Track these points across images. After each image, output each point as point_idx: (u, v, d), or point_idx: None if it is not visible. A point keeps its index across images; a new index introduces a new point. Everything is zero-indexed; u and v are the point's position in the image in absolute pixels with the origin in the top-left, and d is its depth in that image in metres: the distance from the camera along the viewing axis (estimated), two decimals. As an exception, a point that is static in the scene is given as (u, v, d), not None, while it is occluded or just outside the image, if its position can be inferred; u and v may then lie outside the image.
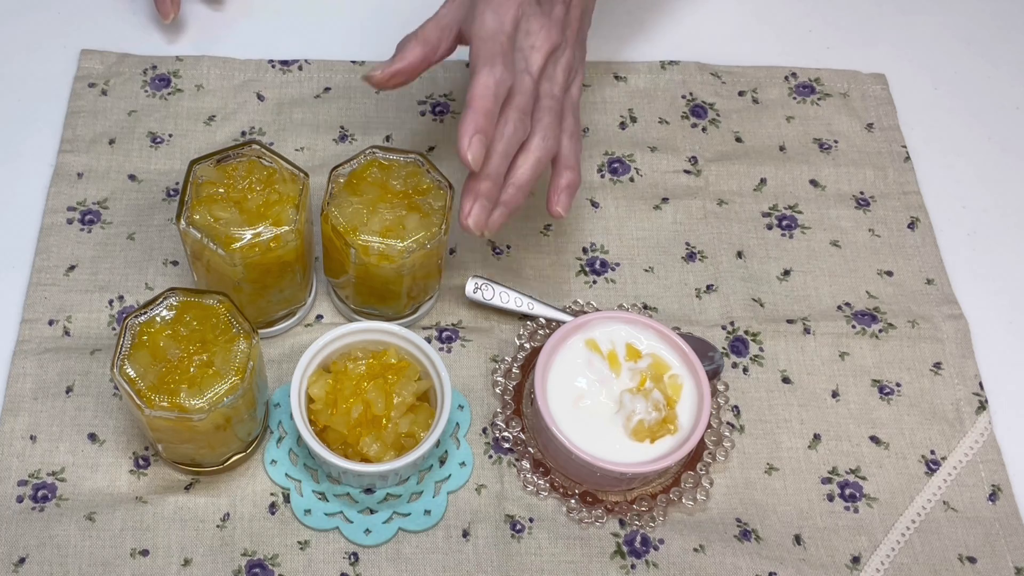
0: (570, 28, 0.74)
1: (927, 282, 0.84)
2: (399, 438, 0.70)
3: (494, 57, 0.69)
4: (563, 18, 0.73)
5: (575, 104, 0.75)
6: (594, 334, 0.75)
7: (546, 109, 0.72)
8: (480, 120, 0.68)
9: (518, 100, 0.70)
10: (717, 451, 0.75)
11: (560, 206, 0.73)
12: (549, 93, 0.72)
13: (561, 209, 0.73)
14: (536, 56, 0.71)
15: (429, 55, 0.74)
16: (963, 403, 0.79)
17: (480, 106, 0.68)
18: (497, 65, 0.68)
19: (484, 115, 0.68)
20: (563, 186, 0.73)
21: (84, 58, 0.90)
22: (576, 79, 0.75)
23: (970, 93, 0.96)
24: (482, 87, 0.68)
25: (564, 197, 0.73)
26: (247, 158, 0.72)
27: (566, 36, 0.73)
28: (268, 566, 0.71)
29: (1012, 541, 0.74)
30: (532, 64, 0.71)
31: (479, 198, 0.70)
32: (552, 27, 0.71)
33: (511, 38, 0.70)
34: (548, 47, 0.71)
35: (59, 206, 0.83)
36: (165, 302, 0.67)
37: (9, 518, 0.71)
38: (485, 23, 0.70)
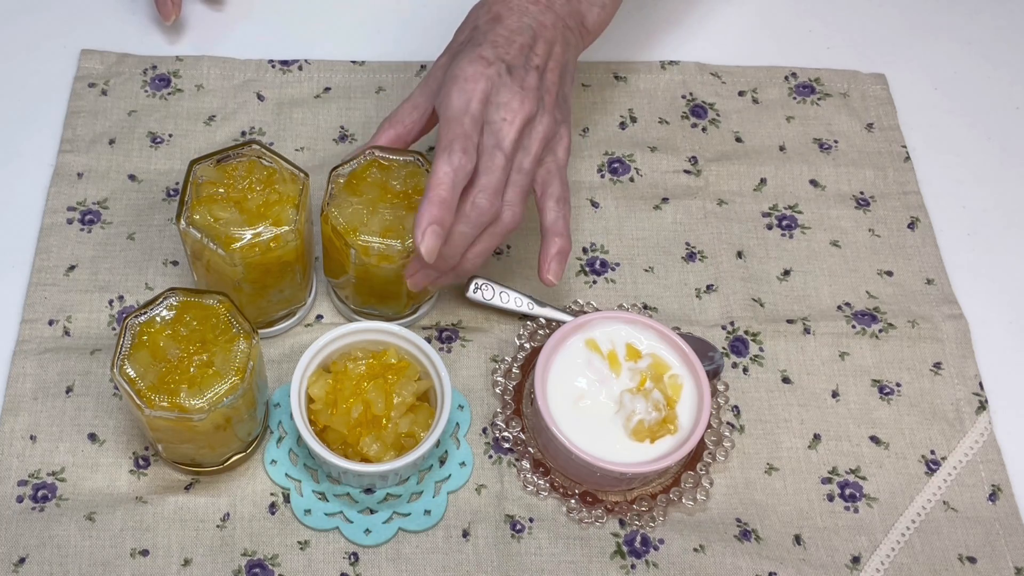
0: (547, 94, 0.72)
1: (927, 282, 0.84)
2: (399, 438, 0.70)
3: (453, 143, 0.67)
4: (537, 86, 0.71)
5: (561, 168, 0.73)
6: (594, 334, 0.75)
7: (512, 183, 0.71)
8: (435, 211, 0.67)
9: (484, 181, 0.69)
10: (717, 451, 0.75)
11: (551, 274, 0.73)
12: (519, 167, 0.71)
13: (552, 277, 0.73)
14: (508, 130, 0.69)
15: (403, 136, 0.75)
16: (963, 403, 0.79)
17: (436, 196, 0.67)
18: (455, 152, 0.67)
19: (439, 205, 0.67)
20: (553, 254, 0.73)
21: (84, 58, 0.90)
22: (560, 143, 0.73)
23: (970, 93, 0.96)
24: (440, 175, 0.67)
25: (555, 265, 0.73)
26: (247, 158, 0.72)
27: (543, 103, 0.71)
28: (268, 566, 0.71)
29: (1012, 541, 0.74)
30: (504, 139, 0.69)
31: (425, 269, 0.71)
32: (525, 97, 0.69)
33: (476, 118, 0.69)
34: (521, 119, 0.69)
35: (59, 206, 0.83)
36: (165, 302, 0.67)
37: (9, 518, 0.71)
38: (451, 103, 0.69)
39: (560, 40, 0.73)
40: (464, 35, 0.74)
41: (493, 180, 0.69)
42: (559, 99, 0.73)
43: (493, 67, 0.69)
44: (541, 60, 0.72)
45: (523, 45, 0.71)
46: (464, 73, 0.69)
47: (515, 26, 0.71)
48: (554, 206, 0.73)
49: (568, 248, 0.73)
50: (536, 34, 0.72)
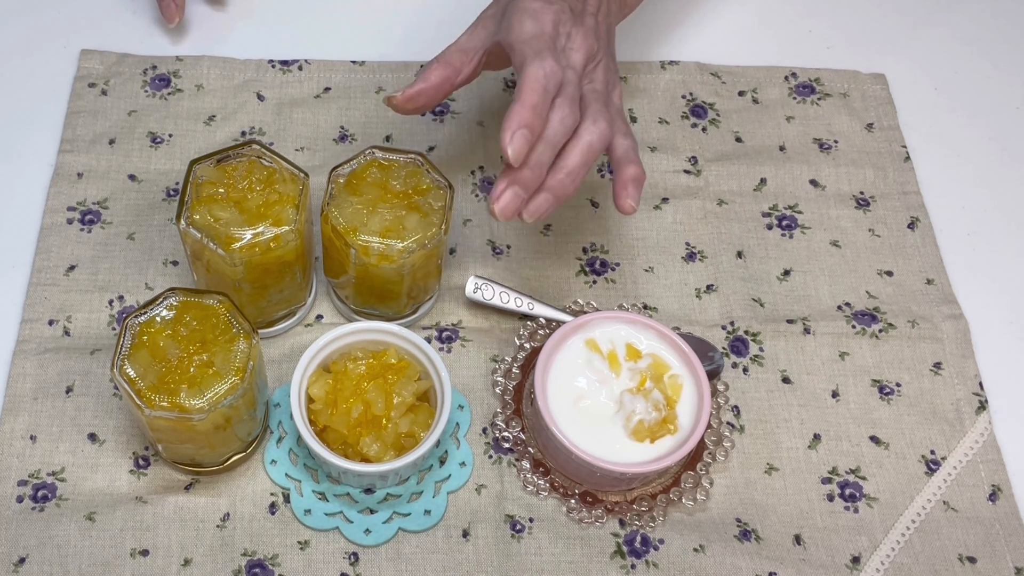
0: (602, 39, 0.73)
1: (927, 282, 0.84)
2: (399, 438, 0.70)
3: (543, 51, 0.68)
4: (595, 28, 0.72)
5: (620, 111, 0.74)
6: (594, 334, 0.75)
7: (592, 99, 0.71)
8: (527, 114, 0.66)
9: (567, 90, 0.69)
10: (717, 451, 0.75)
11: (631, 199, 0.71)
12: (591, 88, 0.71)
13: (632, 202, 0.71)
14: (577, 56, 0.70)
15: (451, 76, 0.73)
16: (963, 403, 0.79)
17: (528, 100, 0.66)
18: (547, 58, 0.67)
19: (531, 109, 0.66)
20: (629, 179, 0.71)
21: (84, 58, 0.90)
22: (615, 89, 0.74)
23: (970, 93, 0.96)
24: (532, 79, 0.66)
25: (632, 189, 0.71)
26: (247, 158, 0.72)
27: (600, 45, 0.73)
28: (268, 566, 0.71)
29: (1012, 541, 0.74)
30: (574, 62, 0.70)
31: (512, 185, 0.68)
32: (588, 34, 0.71)
33: (553, 38, 0.70)
34: (586, 51, 0.71)
35: (59, 206, 0.83)
36: (165, 302, 0.67)
37: (9, 518, 0.71)
38: (524, 28, 0.69)
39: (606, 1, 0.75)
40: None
41: (572, 91, 0.69)
42: (610, 50, 0.75)
43: (556, 5, 0.70)
44: (594, 9, 0.73)
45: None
46: (532, 6, 0.70)
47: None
48: (621, 140, 0.72)
49: (643, 176, 0.72)
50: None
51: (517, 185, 0.68)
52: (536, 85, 0.66)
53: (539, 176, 0.69)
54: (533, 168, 0.68)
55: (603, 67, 0.73)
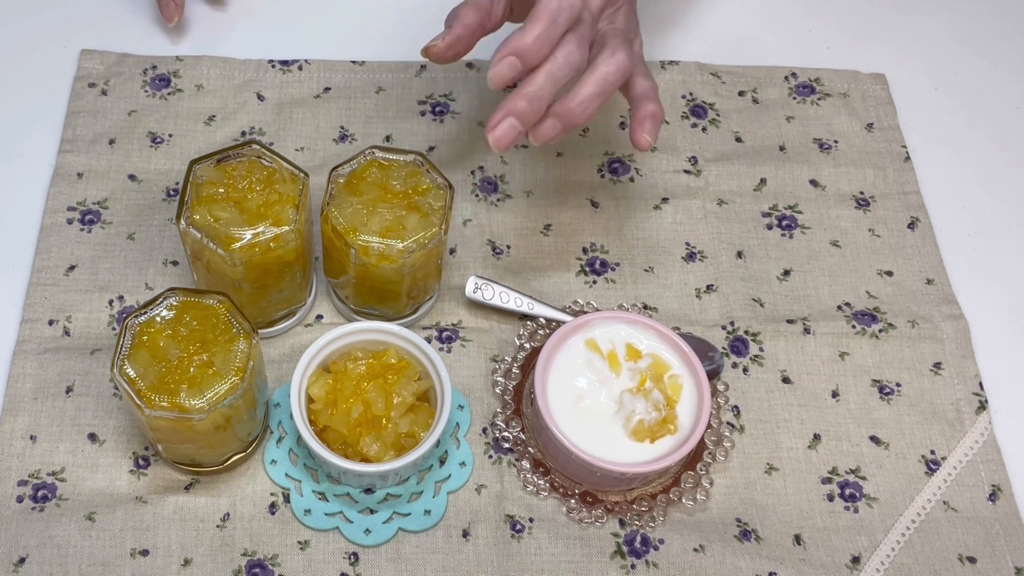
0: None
1: (927, 282, 0.84)
2: (399, 438, 0.70)
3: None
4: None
5: (640, 55, 0.73)
6: (594, 334, 0.75)
7: (611, 34, 0.69)
8: (523, 43, 0.64)
9: (580, 29, 0.67)
10: (717, 451, 0.75)
11: (647, 134, 0.70)
12: (612, 28, 0.70)
13: (649, 137, 0.70)
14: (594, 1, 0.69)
15: (484, 20, 0.71)
16: (963, 403, 0.79)
17: (532, 29, 0.64)
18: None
19: (533, 38, 0.65)
20: (646, 115, 0.71)
21: (84, 58, 0.90)
22: (636, 38, 0.73)
23: (970, 93, 0.96)
24: (543, 7, 0.65)
25: (649, 125, 0.70)
26: (247, 158, 0.72)
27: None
28: (268, 566, 0.71)
29: (1012, 541, 0.74)
30: (592, 4, 0.68)
31: (508, 116, 0.66)
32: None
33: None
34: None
35: (59, 206, 0.83)
36: (165, 302, 0.67)
37: (9, 518, 0.71)
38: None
39: None
40: None
41: (584, 30, 0.67)
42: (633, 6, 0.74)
43: None
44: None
45: None
46: None
47: None
48: (642, 80, 0.72)
49: (661, 114, 0.71)
50: None
51: (513, 116, 0.66)
52: (544, 15, 0.65)
53: (538, 111, 0.67)
54: (532, 101, 0.66)
55: (624, 13, 0.72)
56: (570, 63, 0.67)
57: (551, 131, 0.68)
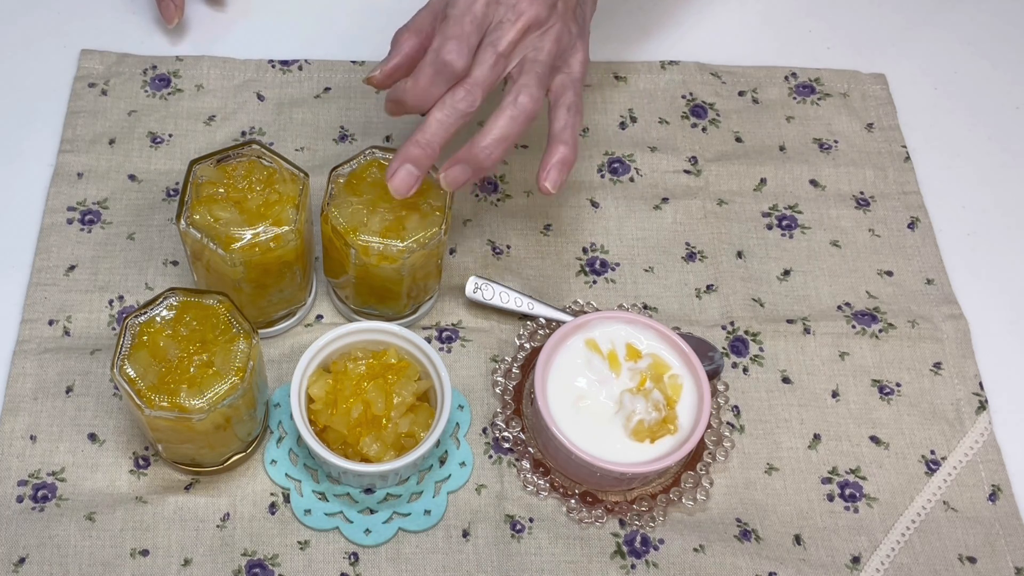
0: (560, 2, 0.71)
1: (927, 282, 0.84)
2: (399, 438, 0.70)
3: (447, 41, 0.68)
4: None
5: (576, 80, 0.72)
6: (594, 334, 0.75)
7: (526, 71, 0.69)
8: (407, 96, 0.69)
9: (475, 72, 0.68)
10: (717, 451, 0.75)
11: (549, 182, 0.70)
12: (532, 58, 0.70)
13: (550, 185, 0.70)
14: (509, 29, 0.68)
15: (424, 44, 0.71)
16: (963, 403, 0.79)
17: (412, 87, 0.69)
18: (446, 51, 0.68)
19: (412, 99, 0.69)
20: (554, 161, 0.71)
21: (84, 58, 0.90)
22: (574, 55, 0.72)
23: (970, 93, 0.96)
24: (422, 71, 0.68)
25: (554, 173, 0.70)
26: (247, 158, 0.72)
27: (556, 11, 0.70)
28: (268, 566, 0.71)
29: (1012, 541, 0.74)
30: (501, 39, 0.68)
31: (406, 163, 0.69)
32: (535, 2, 0.69)
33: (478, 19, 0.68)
34: (526, 20, 0.68)
35: (59, 206, 0.83)
36: (165, 302, 0.67)
37: (9, 518, 0.71)
38: (457, 1, 0.68)
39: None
40: None
41: (479, 73, 0.68)
42: (576, 13, 0.72)
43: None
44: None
45: None
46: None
47: None
48: (564, 114, 0.71)
49: (572, 158, 0.71)
50: None
51: (409, 163, 0.69)
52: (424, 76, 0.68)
53: (432, 156, 0.69)
54: (423, 147, 0.69)
55: (554, 35, 0.70)
56: (458, 111, 0.69)
57: (461, 175, 0.70)
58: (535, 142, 0.89)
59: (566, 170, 0.71)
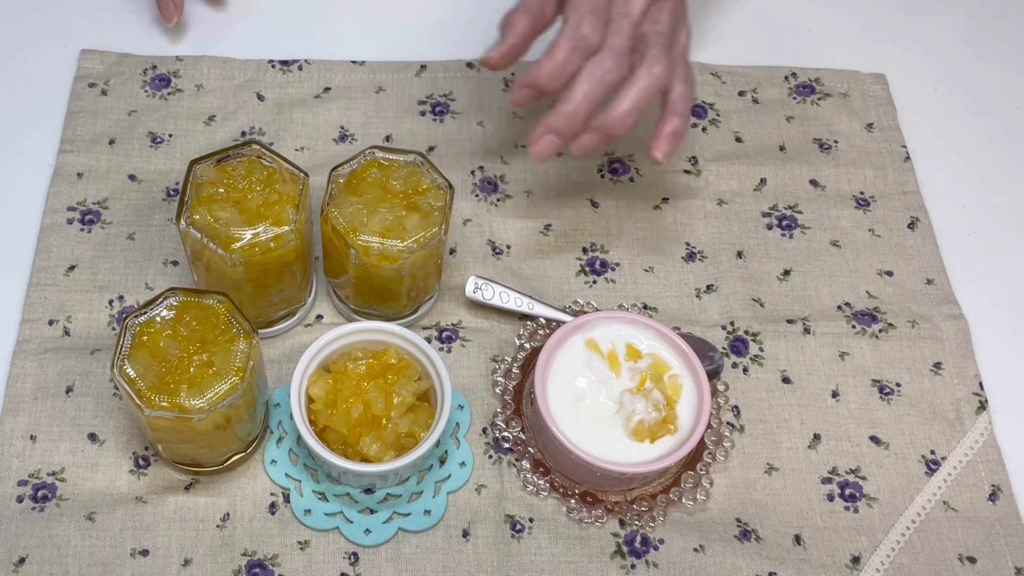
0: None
1: (927, 282, 0.84)
2: (399, 438, 0.70)
3: (583, 17, 0.69)
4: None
5: (684, 53, 0.74)
6: (594, 334, 0.75)
7: (652, 42, 0.71)
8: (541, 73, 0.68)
9: (613, 41, 0.69)
10: (717, 451, 0.75)
11: (660, 151, 0.72)
12: (655, 30, 0.71)
13: (660, 154, 0.72)
14: (637, 3, 0.70)
15: (536, 25, 0.73)
16: (963, 403, 0.79)
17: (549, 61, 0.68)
18: (583, 26, 0.69)
19: (549, 70, 0.68)
20: (667, 132, 0.73)
21: (84, 58, 0.90)
22: (682, 30, 0.74)
23: (970, 93, 0.96)
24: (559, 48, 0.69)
25: (666, 143, 0.72)
26: (247, 158, 0.72)
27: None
28: (268, 566, 0.71)
29: (1012, 541, 0.74)
30: (633, 8, 0.70)
31: (549, 133, 0.70)
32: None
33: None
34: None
35: (59, 206, 0.83)
36: (165, 302, 0.67)
37: (9, 518, 0.71)
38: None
39: None
40: None
41: (618, 42, 0.69)
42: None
43: None
44: None
45: None
46: None
47: None
48: (679, 85, 0.73)
49: (683, 129, 0.73)
50: None
51: (554, 133, 0.70)
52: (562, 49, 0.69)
53: (575, 127, 0.70)
54: (569, 119, 0.70)
55: (670, 7, 0.72)
56: (605, 83, 0.70)
57: (590, 143, 0.72)
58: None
59: (677, 141, 0.73)
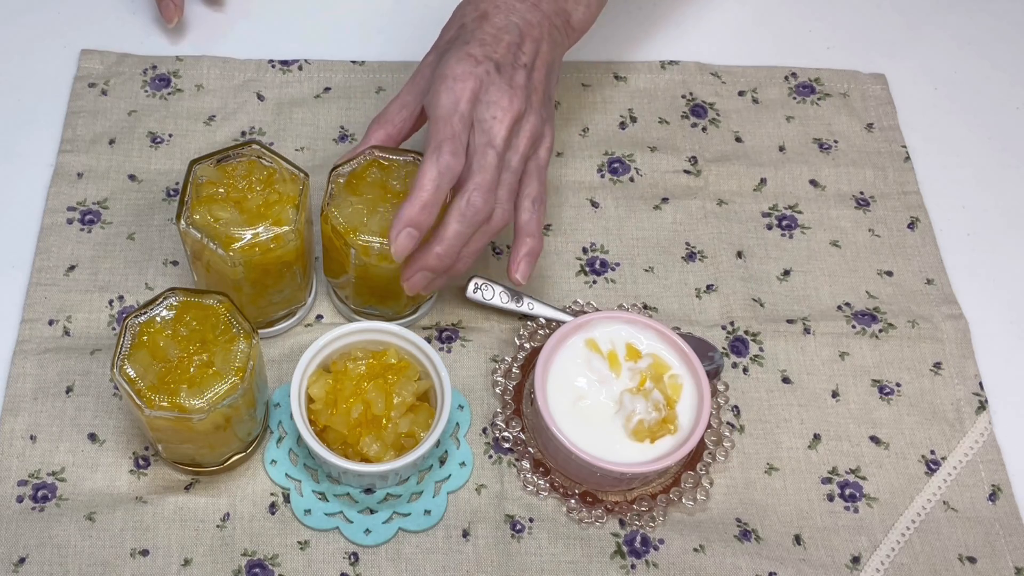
0: (535, 92, 0.72)
1: (927, 282, 0.84)
2: (399, 438, 0.70)
3: (442, 144, 0.68)
4: (525, 84, 0.71)
5: (541, 168, 0.74)
6: (594, 334, 0.75)
7: (502, 183, 0.71)
8: (414, 213, 0.67)
9: (478, 179, 0.69)
10: (717, 451, 0.75)
11: (519, 274, 0.73)
12: (508, 166, 0.71)
13: (520, 277, 0.73)
14: (499, 128, 0.69)
15: (394, 135, 0.74)
16: (963, 403, 0.79)
17: (418, 198, 0.67)
18: (444, 153, 0.67)
19: (420, 208, 0.67)
20: (523, 254, 0.73)
21: (84, 58, 0.90)
22: (543, 143, 0.73)
23: (970, 93, 0.96)
24: (425, 178, 0.67)
25: (524, 266, 0.73)
26: (247, 158, 0.72)
27: (530, 102, 0.71)
28: (268, 566, 0.71)
29: (1012, 541, 0.74)
30: (496, 137, 0.69)
31: (423, 271, 0.71)
32: (514, 95, 0.70)
33: (466, 118, 0.69)
34: (511, 117, 0.69)
35: (59, 206, 0.83)
36: (165, 302, 0.67)
37: (9, 518, 0.71)
38: (440, 102, 0.69)
39: (547, 39, 0.73)
40: (451, 33, 0.74)
41: (487, 178, 0.69)
42: (545, 98, 0.73)
43: (482, 66, 0.69)
44: (528, 59, 0.72)
45: (510, 43, 0.71)
46: (453, 72, 0.69)
47: (502, 24, 0.71)
48: (529, 205, 0.73)
49: (538, 248, 0.74)
50: (523, 32, 0.72)
51: (427, 271, 0.71)
52: (429, 183, 0.67)
53: (447, 265, 0.71)
54: (442, 258, 0.70)
55: (529, 127, 0.71)
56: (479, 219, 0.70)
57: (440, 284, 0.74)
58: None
59: (534, 261, 0.74)
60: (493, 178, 0.69)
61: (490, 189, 0.69)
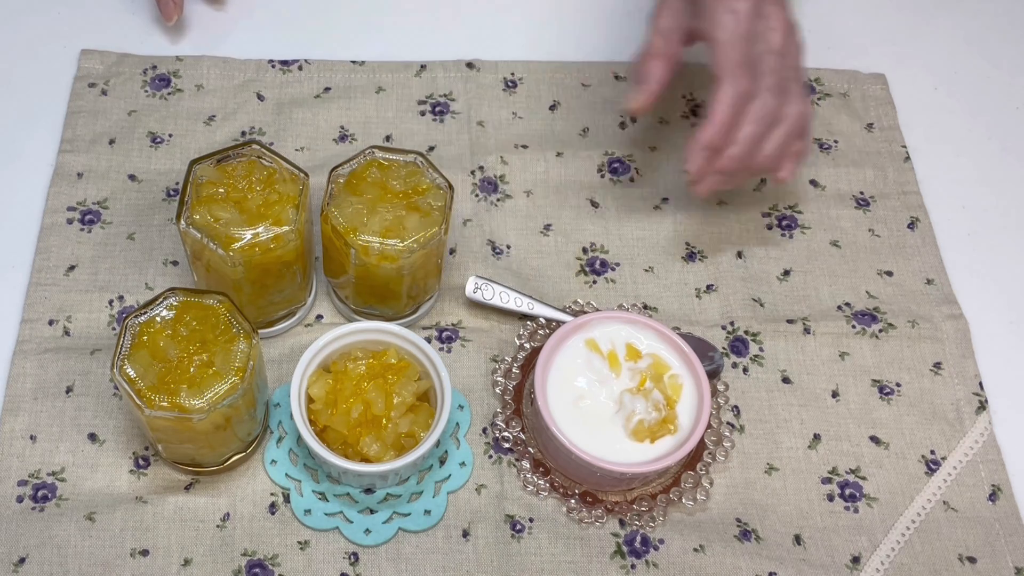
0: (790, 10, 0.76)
1: (927, 282, 0.84)
2: (399, 438, 0.70)
3: (736, 68, 0.72)
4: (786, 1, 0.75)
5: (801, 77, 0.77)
6: (594, 334, 0.75)
7: (792, 80, 0.74)
8: (713, 133, 0.72)
9: (767, 81, 0.73)
10: (717, 451, 0.75)
11: (785, 171, 0.77)
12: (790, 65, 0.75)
13: (786, 174, 0.77)
14: (776, 36, 0.74)
15: (672, 68, 0.77)
16: (963, 403, 0.79)
17: (718, 119, 0.72)
18: (740, 77, 0.72)
19: (720, 128, 0.72)
20: (791, 153, 0.77)
21: (84, 58, 0.90)
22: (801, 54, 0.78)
23: (970, 93, 0.96)
24: (723, 101, 0.72)
25: (789, 163, 0.77)
26: (247, 158, 0.72)
27: (790, 10, 0.75)
28: (268, 566, 0.71)
29: (1012, 541, 0.74)
30: (773, 43, 0.74)
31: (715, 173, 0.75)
32: (783, 7, 0.75)
33: (748, 35, 0.72)
34: (784, 27, 0.74)
35: (59, 206, 0.83)
36: (165, 302, 0.67)
37: (9, 518, 0.71)
38: (723, 24, 0.72)
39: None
40: None
41: (773, 80, 0.73)
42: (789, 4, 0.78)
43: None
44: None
45: None
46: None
47: None
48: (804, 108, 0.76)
49: (807, 150, 0.79)
50: None
51: (718, 174, 0.75)
52: (725, 107, 0.72)
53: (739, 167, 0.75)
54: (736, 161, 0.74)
55: (796, 36, 0.76)
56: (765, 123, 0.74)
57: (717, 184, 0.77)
58: (535, 143, 0.89)
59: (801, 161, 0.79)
60: (777, 80, 0.73)
61: (778, 89, 0.73)
